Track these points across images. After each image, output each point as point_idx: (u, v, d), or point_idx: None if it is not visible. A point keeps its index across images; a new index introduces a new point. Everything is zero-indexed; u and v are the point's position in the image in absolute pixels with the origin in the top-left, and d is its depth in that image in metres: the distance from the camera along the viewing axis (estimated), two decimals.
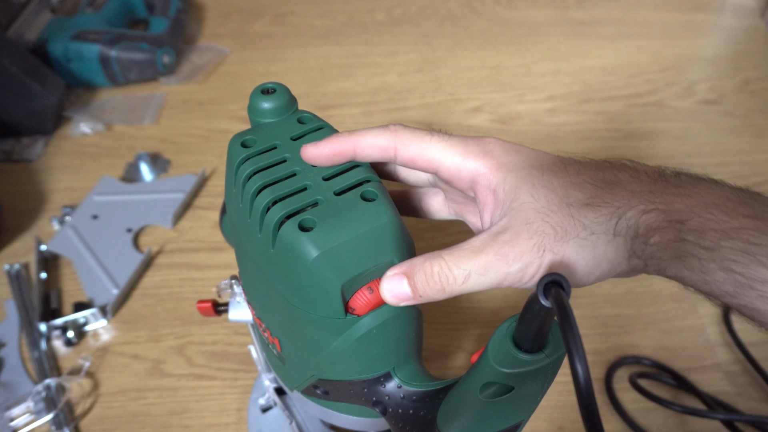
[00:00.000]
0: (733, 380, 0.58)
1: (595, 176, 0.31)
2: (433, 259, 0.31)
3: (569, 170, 0.31)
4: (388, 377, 0.37)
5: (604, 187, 0.30)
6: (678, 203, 0.30)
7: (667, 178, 0.31)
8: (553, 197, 0.30)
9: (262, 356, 0.50)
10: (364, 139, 0.34)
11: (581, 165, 0.32)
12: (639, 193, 0.30)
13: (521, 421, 0.31)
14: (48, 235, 0.71)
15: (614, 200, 0.30)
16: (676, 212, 0.29)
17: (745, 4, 1.08)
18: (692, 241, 0.29)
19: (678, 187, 0.30)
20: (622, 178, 0.31)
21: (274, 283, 0.34)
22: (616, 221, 0.30)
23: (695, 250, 0.29)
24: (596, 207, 0.30)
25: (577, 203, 0.30)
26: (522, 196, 0.31)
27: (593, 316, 0.63)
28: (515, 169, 0.32)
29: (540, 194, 0.31)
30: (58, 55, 0.86)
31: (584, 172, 0.31)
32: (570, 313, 0.24)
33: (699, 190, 0.30)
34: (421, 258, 0.31)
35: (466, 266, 0.30)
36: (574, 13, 1.06)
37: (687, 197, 0.30)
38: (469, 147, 0.33)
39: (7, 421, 0.55)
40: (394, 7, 1.07)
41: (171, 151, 0.81)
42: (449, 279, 0.30)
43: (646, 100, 0.90)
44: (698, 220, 0.29)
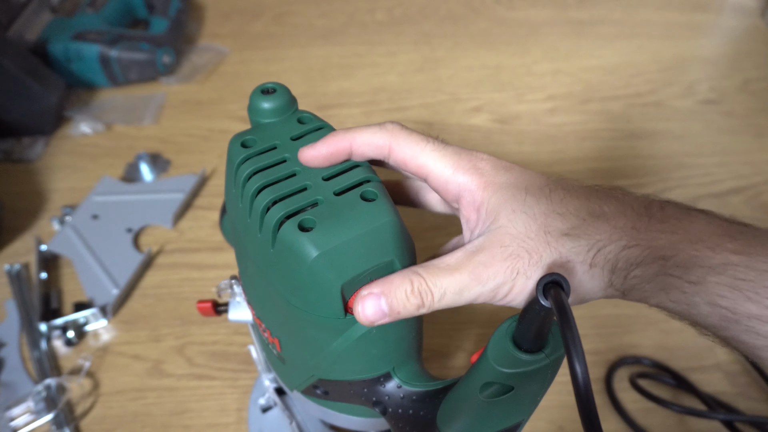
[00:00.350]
0: (733, 380, 0.58)
1: (580, 207, 0.31)
2: (413, 276, 0.31)
3: (554, 197, 0.31)
4: (388, 377, 0.37)
5: (587, 218, 0.30)
6: (662, 240, 0.29)
7: (653, 212, 0.31)
8: (531, 224, 0.30)
9: (261, 356, 0.50)
10: (359, 137, 0.34)
11: (567, 192, 0.32)
12: (622, 229, 0.30)
13: (521, 420, 0.31)
14: (48, 235, 0.71)
15: (595, 233, 0.30)
16: (660, 249, 0.29)
17: (745, 4, 1.08)
18: (677, 276, 0.29)
19: (663, 223, 0.30)
20: (607, 211, 0.31)
21: (273, 283, 0.34)
22: (594, 253, 0.30)
23: (680, 284, 0.29)
24: (575, 237, 0.30)
25: (556, 232, 0.30)
26: (501, 219, 0.31)
27: (593, 316, 0.63)
28: (500, 190, 0.32)
29: (519, 220, 0.31)
30: (58, 55, 0.86)
31: (569, 201, 0.31)
32: (569, 313, 0.24)
33: (685, 225, 0.30)
34: (398, 276, 0.31)
35: (442, 284, 0.31)
36: (574, 13, 1.06)
37: (672, 233, 0.30)
38: (461, 161, 0.33)
39: (8, 421, 0.55)
40: (394, 6, 1.07)
41: (171, 151, 0.81)
42: (427, 296, 0.31)
43: (646, 100, 0.90)
44: (683, 256, 0.29)
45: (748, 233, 0.30)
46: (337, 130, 0.35)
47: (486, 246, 0.31)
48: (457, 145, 0.35)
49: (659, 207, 0.31)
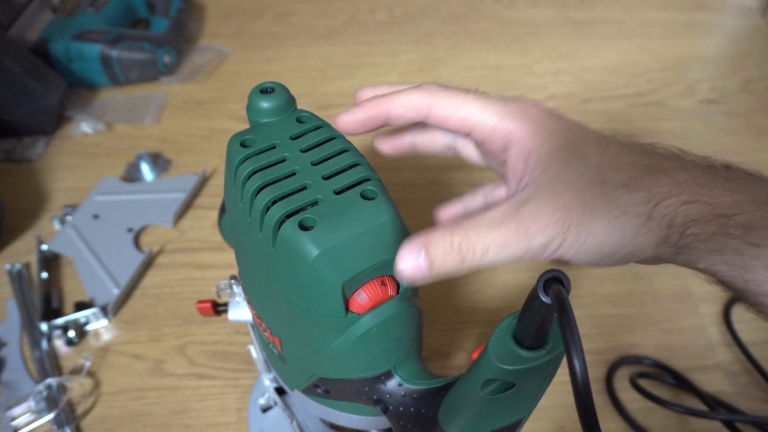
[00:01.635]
0: (734, 380, 0.58)
1: (638, 160, 0.29)
2: (454, 229, 0.28)
3: (609, 150, 0.29)
4: (389, 375, 0.37)
5: (645, 171, 0.28)
6: (726, 197, 0.28)
7: (717, 170, 0.29)
8: (587, 173, 0.28)
9: (261, 356, 0.50)
10: (397, 100, 0.33)
11: (623, 146, 0.30)
12: (683, 183, 0.28)
13: (522, 418, 0.31)
14: (49, 234, 0.71)
15: (655, 186, 0.28)
16: (723, 206, 0.28)
17: (746, 3, 1.08)
18: (737, 236, 0.27)
19: (728, 181, 0.28)
20: (667, 166, 0.29)
21: (274, 282, 0.34)
22: (653, 205, 0.28)
23: (739, 245, 0.27)
24: (633, 189, 0.28)
25: (613, 183, 0.28)
26: (554, 167, 0.29)
27: (594, 316, 0.63)
28: (553, 138, 0.30)
29: (574, 168, 0.29)
30: (59, 55, 0.86)
31: (625, 154, 0.29)
32: (569, 309, 0.24)
33: (751, 186, 0.28)
34: (438, 229, 0.29)
35: (485, 239, 0.28)
36: (575, 12, 1.06)
37: (737, 192, 0.28)
38: (508, 107, 0.31)
39: (9, 421, 0.55)
40: (395, 6, 1.07)
41: (172, 151, 0.81)
42: (468, 252, 0.28)
43: (647, 99, 0.90)
44: (747, 216, 0.27)
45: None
46: (373, 96, 0.33)
47: (535, 195, 0.28)
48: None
49: (724, 167, 0.29)
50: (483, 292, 0.65)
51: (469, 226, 0.28)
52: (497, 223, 0.28)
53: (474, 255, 0.28)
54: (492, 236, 0.28)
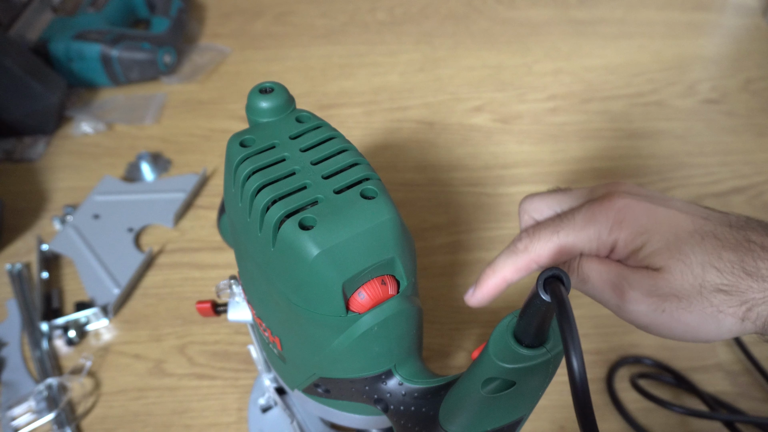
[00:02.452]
0: (735, 380, 0.58)
1: (734, 261, 0.30)
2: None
3: (707, 246, 0.31)
4: (389, 375, 0.37)
5: (742, 276, 0.30)
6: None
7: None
8: (688, 275, 0.30)
9: (261, 356, 0.50)
10: (508, 272, 0.35)
11: (720, 242, 0.31)
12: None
13: (522, 416, 0.31)
14: (49, 234, 0.71)
15: (749, 291, 0.30)
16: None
17: (746, 3, 1.08)
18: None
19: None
20: (762, 268, 0.30)
21: (274, 282, 0.34)
22: (746, 309, 0.30)
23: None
24: (729, 293, 0.30)
25: (711, 287, 0.30)
26: (658, 261, 0.31)
27: (595, 316, 0.63)
28: (653, 238, 0.31)
29: (675, 268, 0.31)
30: (59, 55, 0.86)
31: (724, 253, 0.30)
32: (568, 307, 0.24)
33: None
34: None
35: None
36: (575, 12, 1.06)
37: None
38: (599, 223, 0.33)
39: (9, 421, 0.55)
40: (395, 6, 1.07)
41: (172, 151, 0.81)
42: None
43: (647, 99, 0.90)
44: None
45: None
46: (484, 272, 0.37)
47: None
48: (580, 189, 0.36)
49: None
50: None
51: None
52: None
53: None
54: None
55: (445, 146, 0.82)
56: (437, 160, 0.80)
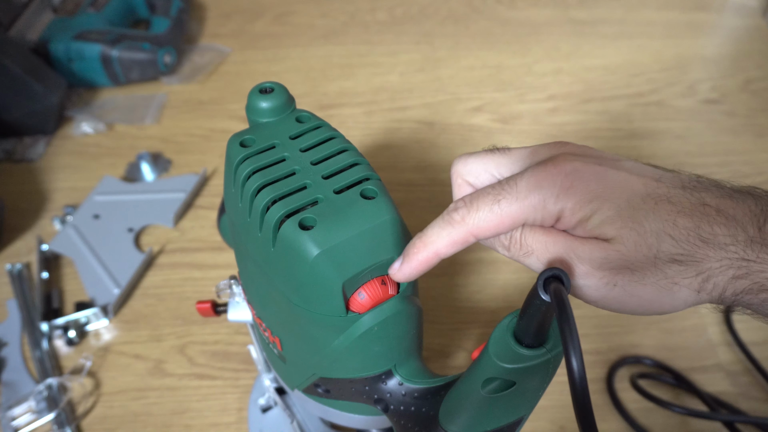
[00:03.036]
0: (735, 380, 0.58)
1: (690, 228, 0.28)
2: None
3: (661, 212, 0.29)
4: (389, 375, 0.37)
5: (698, 244, 0.28)
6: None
7: (767, 241, 0.28)
8: (641, 244, 0.28)
9: (261, 356, 0.50)
10: (442, 246, 0.31)
11: (674, 208, 0.29)
12: (732, 258, 0.28)
13: (522, 416, 0.31)
14: (49, 234, 0.71)
15: (705, 260, 0.28)
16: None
17: (746, 3, 1.08)
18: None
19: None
20: (719, 235, 0.28)
21: (274, 282, 0.34)
22: (702, 280, 0.28)
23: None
24: (684, 263, 0.28)
25: (665, 258, 0.28)
26: (609, 231, 0.29)
27: (595, 316, 0.63)
28: (604, 204, 0.29)
29: (628, 237, 0.29)
30: (59, 55, 0.86)
31: (678, 219, 0.28)
32: (568, 307, 0.24)
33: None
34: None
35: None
36: (575, 12, 1.06)
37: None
38: (545, 189, 0.30)
39: (9, 421, 0.55)
40: (395, 6, 1.07)
41: (172, 151, 0.81)
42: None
43: (647, 99, 0.90)
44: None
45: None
46: (412, 243, 0.32)
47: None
48: (521, 149, 0.33)
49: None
50: (483, 292, 0.65)
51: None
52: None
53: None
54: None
55: (445, 146, 0.82)
56: (437, 160, 0.80)
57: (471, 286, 0.66)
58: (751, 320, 0.63)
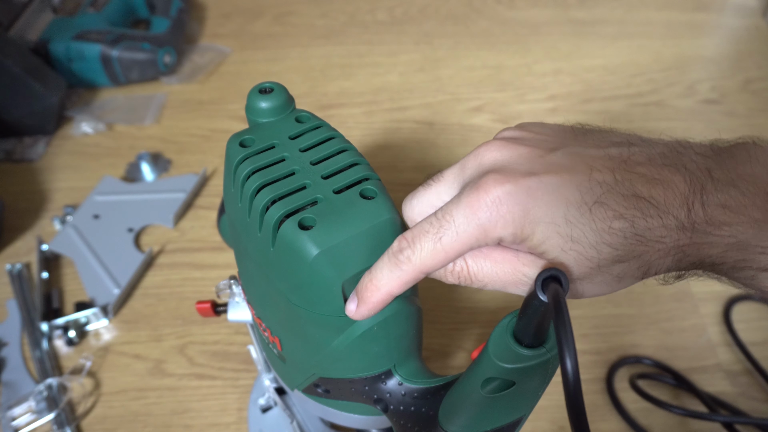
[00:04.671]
0: (735, 380, 0.58)
1: (626, 229, 0.28)
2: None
3: (596, 221, 0.28)
4: (389, 375, 0.37)
5: (634, 242, 0.29)
6: (711, 250, 0.29)
7: (696, 224, 0.28)
8: (583, 261, 0.29)
9: (261, 356, 0.50)
10: (394, 287, 0.32)
11: (608, 210, 0.28)
12: (669, 247, 0.29)
13: (522, 416, 0.31)
14: (49, 234, 0.71)
15: (645, 254, 0.29)
16: (709, 257, 0.29)
17: (746, 3, 1.08)
18: (726, 274, 0.30)
19: (710, 226, 0.28)
20: (653, 227, 0.28)
21: (274, 282, 0.34)
22: (645, 270, 0.30)
23: (732, 277, 0.30)
24: (625, 261, 0.29)
25: (607, 262, 0.29)
26: (542, 245, 0.29)
27: (594, 316, 0.63)
28: (536, 226, 0.29)
29: (570, 259, 0.29)
30: (59, 55, 0.86)
31: (614, 223, 0.28)
32: (564, 308, 0.24)
33: (737, 219, 0.28)
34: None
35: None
36: (575, 12, 1.06)
37: (721, 237, 0.28)
38: (480, 218, 0.29)
39: (9, 421, 0.55)
40: (395, 6, 1.07)
41: (172, 151, 0.81)
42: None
43: (647, 99, 0.90)
44: (731, 263, 0.29)
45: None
46: (363, 285, 0.32)
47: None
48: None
49: (715, 189, 0.28)
50: (483, 292, 0.65)
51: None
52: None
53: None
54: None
55: (445, 146, 0.82)
56: (437, 160, 0.80)
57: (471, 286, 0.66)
58: (751, 320, 0.63)
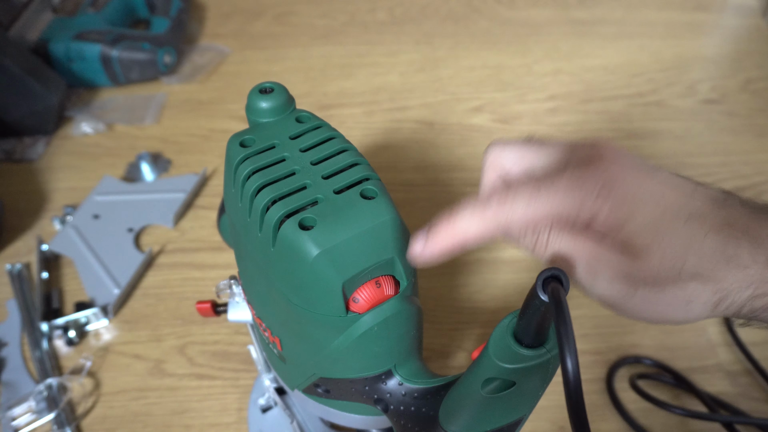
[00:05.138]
0: (735, 380, 0.58)
1: (716, 248, 0.28)
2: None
3: (692, 228, 0.29)
4: (389, 375, 0.37)
5: (720, 262, 0.28)
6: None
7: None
8: (668, 260, 0.29)
9: (261, 356, 0.50)
10: (471, 233, 0.29)
11: (704, 223, 0.28)
12: (752, 277, 0.28)
13: (522, 416, 0.31)
14: (49, 234, 0.71)
15: (725, 279, 0.28)
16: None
17: (746, 3, 1.08)
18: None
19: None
20: (741, 256, 0.28)
21: (274, 282, 0.34)
22: (720, 297, 0.29)
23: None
24: (705, 280, 0.29)
25: (688, 274, 0.29)
26: (637, 242, 0.29)
27: (595, 316, 0.63)
28: (637, 212, 0.29)
29: (657, 253, 0.29)
30: (59, 55, 0.86)
31: (707, 237, 0.28)
32: (565, 308, 0.24)
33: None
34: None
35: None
36: (575, 12, 1.06)
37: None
38: (585, 190, 0.29)
39: (9, 421, 0.55)
40: (395, 6, 1.07)
41: (172, 151, 0.81)
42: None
43: (647, 99, 0.90)
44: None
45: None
46: (441, 224, 0.30)
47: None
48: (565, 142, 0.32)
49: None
50: (483, 292, 0.65)
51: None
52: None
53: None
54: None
55: (445, 146, 0.82)
56: (437, 160, 0.80)
57: (471, 286, 0.66)
58: None
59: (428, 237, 0.30)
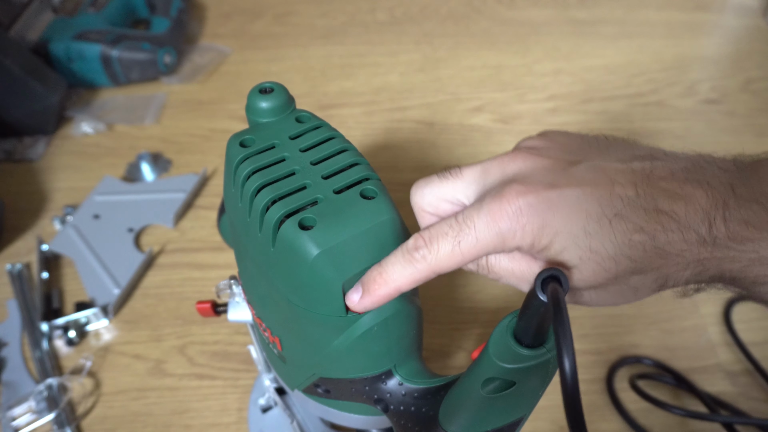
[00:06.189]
0: (735, 380, 0.58)
1: (645, 242, 0.28)
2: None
3: (617, 233, 0.29)
4: (389, 375, 0.37)
5: (653, 255, 0.29)
6: (732, 264, 0.29)
7: (718, 239, 0.28)
8: (600, 271, 0.29)
9: (261, 356, 0.50)
10: (404, 284, 0.31)
11: (629, 224, 0.29)
12: (689, 261, 0.29)
13: (522, 416, 0.31)
14: (49, 234, 0.71)
15: (663, 267, 0.29)
16: (729, 271, 0.29)
17: (747, 3, 1.08)
18: (746, 288, 0.30)
19: (732, 241, 0.28)
20: (674, 242, 0.28)
21: (274, 282, 0.34)
22: (661, 283, 0.30)
23: (750, 291, 0.30)
24: (643, 273, 0.29)
25: (625, 273, 0.29)
26: (569, 262, 0.30)
27: (595, 316, 0.63)
28: (557, 235, 0.29)
29: (587, 268, 0.29)
30: (59, 55, 0.86)
31: (634, 236, 0.28)
32: (563, 308, 0.24)
33: (765, 227, 0.28)
34: None
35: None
36: (575, 12, 1.06)
37: (740, 253, 0.28)
38: (501, 227, 0.30)
39: (9, 421, 0.55)
40: (395, 6, 1.07)
41: (172, 151, 0.81)
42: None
43: (647, 99, 0.90)
44: (752, 277, 0.29)
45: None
46: (370, 277, 0.32)
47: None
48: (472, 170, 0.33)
49: (738, 205, 0.29)
50: (483, 292, 0.65)
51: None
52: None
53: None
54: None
55: (445, 146, 0.82)
56: (437, 160, 0.80)
57: (471, 286, 0.66)
58: (751, 320, 0.63)
59: (363, 290, 0.32)
